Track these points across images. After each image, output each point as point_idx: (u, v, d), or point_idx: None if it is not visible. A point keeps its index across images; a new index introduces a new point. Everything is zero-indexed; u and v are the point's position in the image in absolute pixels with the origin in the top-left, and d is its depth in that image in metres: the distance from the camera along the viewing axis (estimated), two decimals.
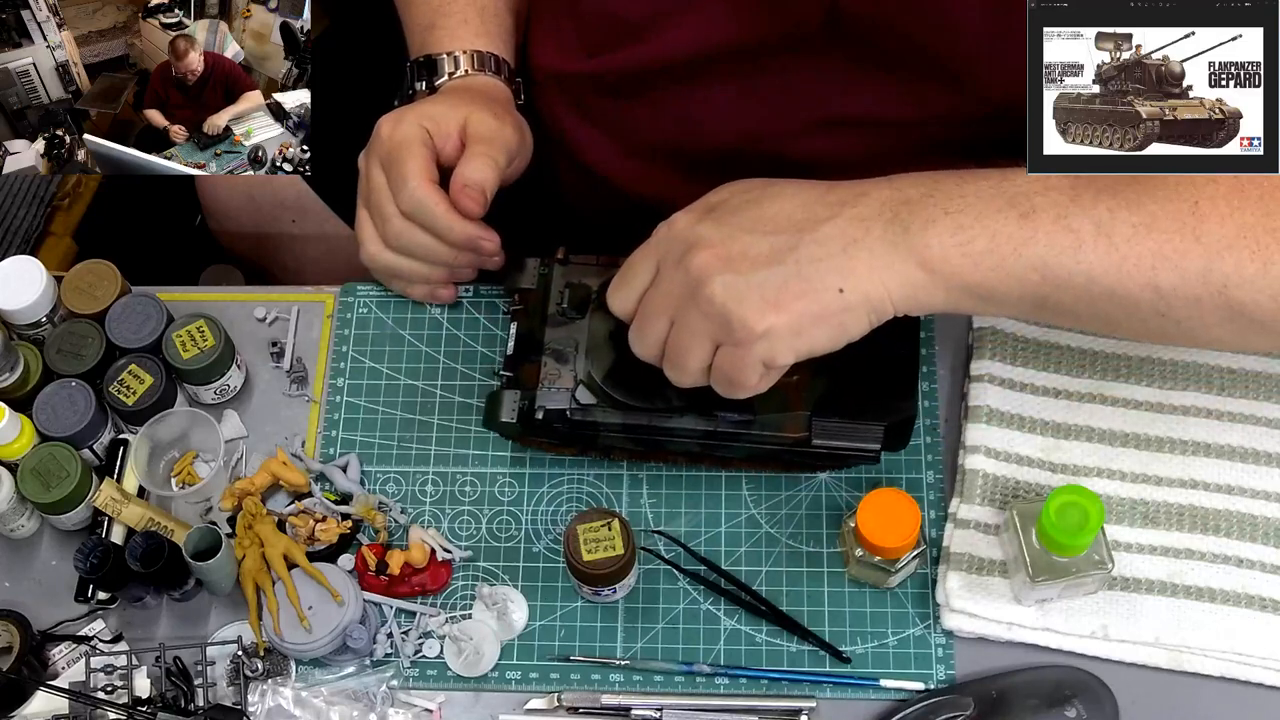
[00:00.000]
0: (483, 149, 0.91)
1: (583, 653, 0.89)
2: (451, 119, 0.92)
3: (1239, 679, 0.85)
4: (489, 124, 0.92)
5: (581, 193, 1.07)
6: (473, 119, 0.92)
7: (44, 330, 0.96)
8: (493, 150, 0.91)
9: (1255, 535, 0.88)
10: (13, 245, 1.49)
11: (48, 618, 0.90)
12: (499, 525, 0.93)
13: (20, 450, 0.91)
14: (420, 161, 0.90)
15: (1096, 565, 0.83)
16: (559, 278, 0.93)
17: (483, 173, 0.90)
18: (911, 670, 0.87)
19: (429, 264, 0.95)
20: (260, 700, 0.87)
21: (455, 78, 0.97)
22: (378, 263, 0.95)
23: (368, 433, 0.97)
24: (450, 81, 0.97)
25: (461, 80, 0.97)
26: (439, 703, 0.88)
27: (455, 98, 0.94)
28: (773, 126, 0.93)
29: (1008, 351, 0.94)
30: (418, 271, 0.96)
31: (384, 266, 0.96)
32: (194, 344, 0.94)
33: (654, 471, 0.94)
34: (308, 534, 0.91)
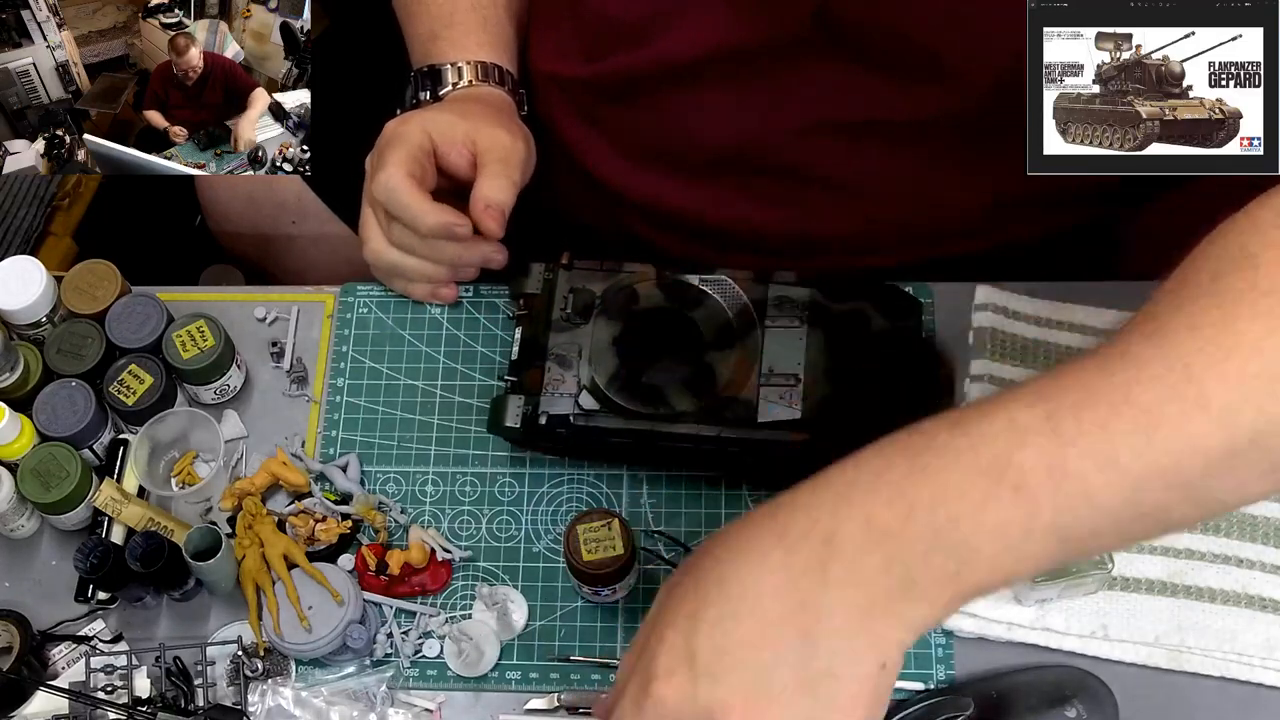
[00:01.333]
0: (499, 169, 0.91)
1: (583, 653, 0.89)
2: (459, 128, 0.92)
3: (1239, 679, 0.85)
4: (502, 140, 0.92)
5: (579, 196, 1.07)
6: (483, 134, 0.92)
7: (44, 330, 0.96)
8: (509, 170, 0.91)
9: (1255, 535, 0.88)
10: (13, 245, 1.49)
11: (48, 618, 0.90)
12: (499, 525, 0.93)
13: (20, 450, 0.91)
14: (404, 154, 0.90)
15: (1096, 565, 0.83)
16: (563, 283, 0.93)
17: (505, 193, 0.90)
18: (911, 670, 0.87)
19: (431, 262, 0.95)
20: (260, 700, 0.87)
21: (459, 88, 0.97)
22: (380, 260, 0.95)
23: (368, 433, 0.97)
24: (455, 91, 0.97)
25: (466, 90, 0.97)
26: (439, 703, 0.88)
27: (461, 107, 0.94)
28: (770, 129, 0.93)
29: (1008, 351, 0.94)
30: (420, 270, 0.96)
31: (386, 264, 0.96)
32: (194, 344, 0.94)
33: (654, 471, 0.94)
34: (308, 534, 0.91)
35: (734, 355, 0.90)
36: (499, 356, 0.98)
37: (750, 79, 0.91)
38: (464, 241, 0.92)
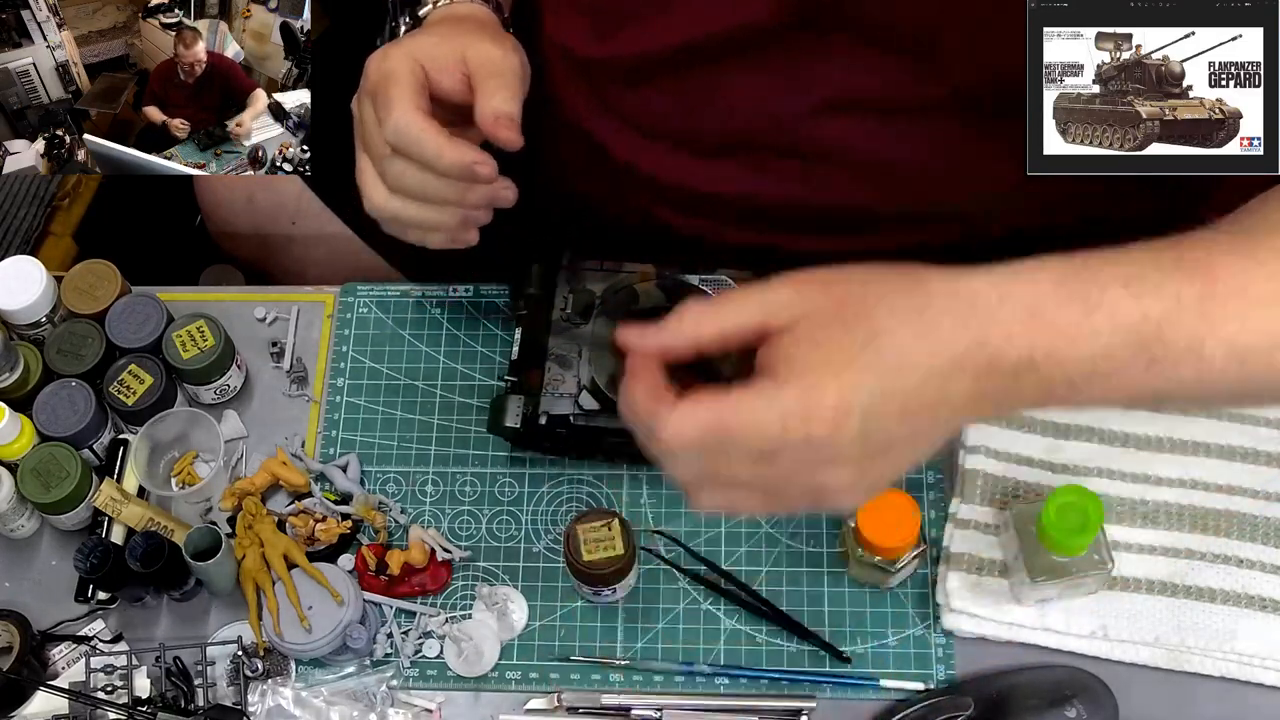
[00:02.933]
0: (498, 83, 0.85)
1: (583, 653, 0.89)
2: (446, 51, 0.86)
3: (1239, 679, 0.85)
4: (493, 54, 0.87)
5: (588, 171, 1.06)
6: (473, 51, 0.87)
7: (44, 330, 0.96)
8: (508, 81, 0.86)
9: (1255, 535, 0.88)
10: (13, 245, 1.49)
11: (48, 618, 0.90)
12: (499, 525, 0.93)
13: (20, 450, 0.91)
14: (407, 90, 0.84)
15: (1096, 565, 0.83)
16: (563, 283, 0.93)
17: (510, 104, 0.85)
18: (911, 670, 0.87)
19: (438, 206, 0.89)
20: (260, 700, 0.87)
21: (440, 7, 0.92)
22: (384, 211, 0.89)
23: (368, 433, 0.97)
24: (435, 11, 0.92)
25: (446, 9, 0.92)
26: (439, 703, 0.88)
27: (445, 29, 0.90)
28: (784, 110, 0.92)
29: None
30: (429, 218, 0.89)
31: (392, 215, 0.89)
32: (194, 344, 0.94)
33: (654, 471, 0.94)
34: (308, 534, 0.91)
35: (734, 355, 0.90)
36: (499, 356, 0.98)
37: (763, 59, 0.90)
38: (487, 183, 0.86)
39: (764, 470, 0.65)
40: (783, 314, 0.66)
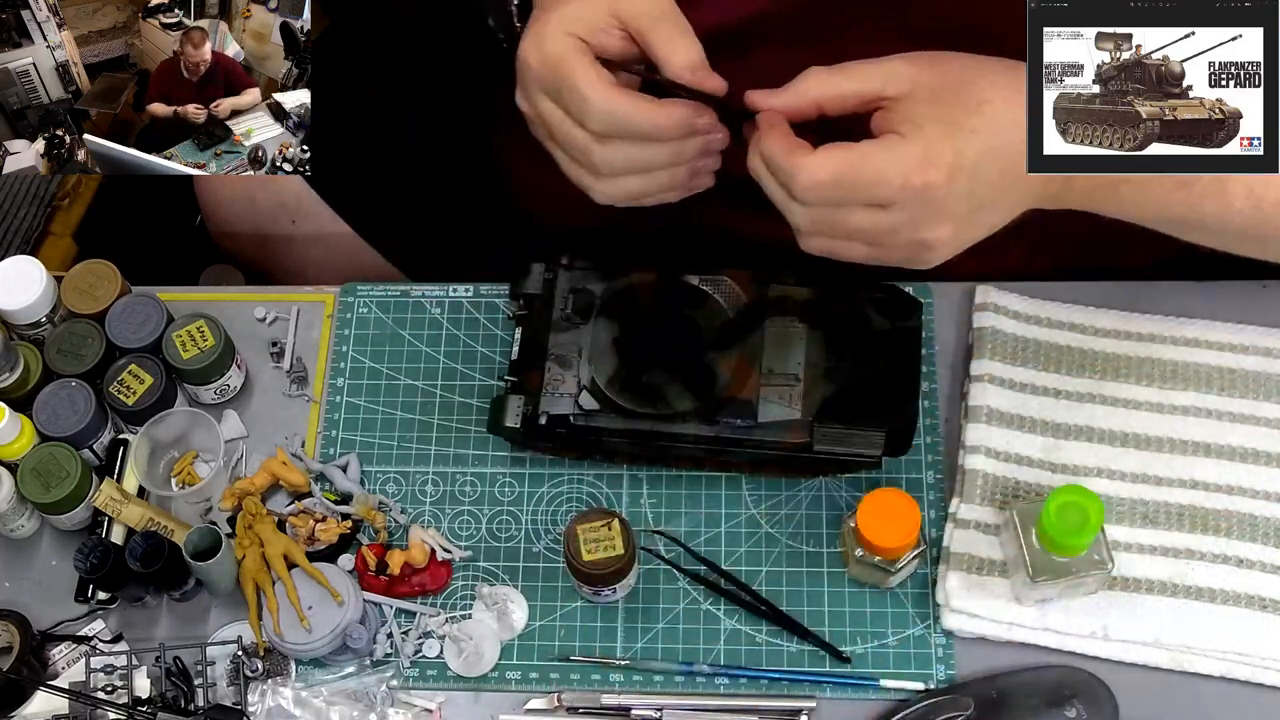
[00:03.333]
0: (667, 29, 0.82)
1: (583, 653, 0.89)
2: (594, 12, 0.81)
3: (1239, 679, 0.85)
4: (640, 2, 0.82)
5: None
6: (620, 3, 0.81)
7: (44, 330, 0.96)
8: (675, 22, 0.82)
9: (1256, 535, 0.88)
10: (13, 245, 1.48)
11: (48, 618, 0.90)
12: (499, 525, 0.93)
13: (20, 450, 0.91)
14: (588, 71, 0.80)
15: (1096, 565, 0.83)
16: (564, 283, 0.93)
17: (695, 49, 0.81)
18: (911, 670, 0.87)
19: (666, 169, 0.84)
20: (260, 700, 0.87)
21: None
22: (618, 200, 0.85)
23: (368, 433, 0.97)
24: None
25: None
26: (439, 703, 0.88)
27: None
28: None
29: (1008, 351, 0.94)
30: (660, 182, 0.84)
31: (625, 196, 0.84)
32: (194, 344, 0.94)
33: (654, 471, 0.94)
34: (308, 534, 0.91)
35: (734, 355, 0.90)
36: (499, 356, 0.98)
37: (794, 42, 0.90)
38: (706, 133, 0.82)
39: (879, 218, 0.73)
40: (901, 83, 0.74)
